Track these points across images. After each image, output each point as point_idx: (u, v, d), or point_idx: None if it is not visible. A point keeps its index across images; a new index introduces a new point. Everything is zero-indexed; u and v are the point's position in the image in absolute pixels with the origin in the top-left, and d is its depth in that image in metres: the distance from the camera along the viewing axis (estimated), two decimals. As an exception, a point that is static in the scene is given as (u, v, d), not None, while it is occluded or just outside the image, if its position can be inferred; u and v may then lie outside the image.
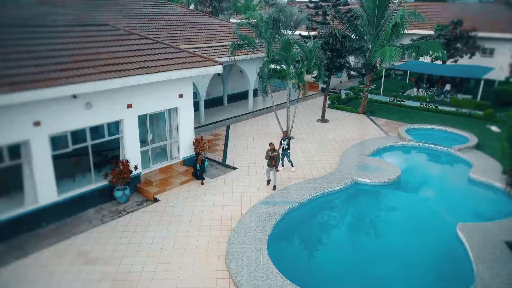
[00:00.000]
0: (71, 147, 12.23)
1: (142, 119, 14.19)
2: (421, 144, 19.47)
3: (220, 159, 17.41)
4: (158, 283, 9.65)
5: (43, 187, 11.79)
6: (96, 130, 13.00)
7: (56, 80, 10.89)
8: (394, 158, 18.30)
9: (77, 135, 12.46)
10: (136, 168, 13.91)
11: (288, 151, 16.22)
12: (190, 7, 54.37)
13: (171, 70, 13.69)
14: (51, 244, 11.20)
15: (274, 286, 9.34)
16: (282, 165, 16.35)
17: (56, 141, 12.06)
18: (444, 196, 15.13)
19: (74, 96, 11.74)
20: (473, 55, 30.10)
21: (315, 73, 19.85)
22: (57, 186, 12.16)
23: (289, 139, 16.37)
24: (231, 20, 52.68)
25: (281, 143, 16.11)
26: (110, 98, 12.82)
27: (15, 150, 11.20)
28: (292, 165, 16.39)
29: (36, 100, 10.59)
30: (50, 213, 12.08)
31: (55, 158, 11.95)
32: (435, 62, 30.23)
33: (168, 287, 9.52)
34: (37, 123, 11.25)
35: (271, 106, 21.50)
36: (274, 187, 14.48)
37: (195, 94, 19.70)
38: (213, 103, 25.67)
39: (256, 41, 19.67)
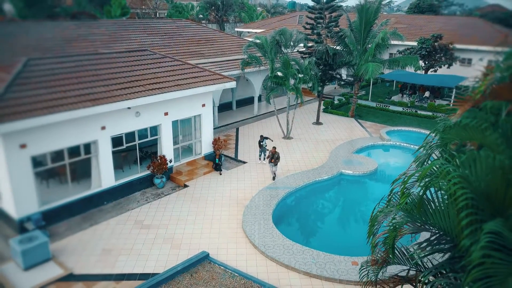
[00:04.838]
0: (125, 145, 16.38)
1: (174, 124, 18.29)
2: (397, 143, 23.60)
3: (233, 155, 21.54)
4: (196, 240, 13.80)
5: (105, 175, 15.94)
6: (141, 132, 17.15)
7: (118, 97, 15.05)
8: (374, 155, 22.46)
9: (129, 136, 16.60)
10: (170, 161, 18.04)
11: (266, 146, 20.36)
12: (199, 16, 58.43)
13: (198, 86, 17.83)
14: (113, 216, 15.36)
15: (277, 242, 13.49)
16: (264, 159, 20.27)
17: (115, 141, 16.21)
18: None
19: (128, 108, 15.87)
20: (450, 65, 34.19)
21: (310, 84, 24.00)
22: (114, 174, 16.31)
23: (265, 139, 20.41)
24: (236, 30, 56.91)
25: (260, 143, 20.31)
26: (152, 108, 16.94)
27: (87, 148, 15.36)
28: (265, 159, 20.06)
29: (105, 112, 14.76)
30: (109, 194, 16.25)
31: (113, 153, 16.10)
32: (417, 71, 34.34)
33: (203, 243, 13.65)
34: (103, 127, 15.40)
35: (273, 111, 25.64)
36: (274, 178, 18.47)
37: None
38: (224, 107, 29.68)
39: (261, 57, 23.75)
